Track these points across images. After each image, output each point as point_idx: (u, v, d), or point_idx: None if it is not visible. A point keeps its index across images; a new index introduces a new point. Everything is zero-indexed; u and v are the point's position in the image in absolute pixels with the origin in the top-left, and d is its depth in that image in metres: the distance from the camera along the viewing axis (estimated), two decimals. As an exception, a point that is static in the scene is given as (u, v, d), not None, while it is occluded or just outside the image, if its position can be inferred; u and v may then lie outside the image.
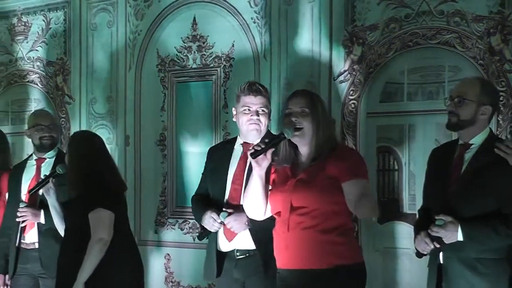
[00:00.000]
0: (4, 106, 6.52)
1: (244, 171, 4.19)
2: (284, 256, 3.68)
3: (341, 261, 3.60)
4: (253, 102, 4.20)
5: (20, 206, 4.88)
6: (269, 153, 3.69)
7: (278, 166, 3.77)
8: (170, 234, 5.51)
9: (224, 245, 4.19)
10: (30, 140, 5.18)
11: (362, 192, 3.58)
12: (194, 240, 5.39)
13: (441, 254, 3.67)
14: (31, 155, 5.16)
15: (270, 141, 3.70)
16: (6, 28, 6.50)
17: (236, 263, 4.14)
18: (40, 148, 5.04)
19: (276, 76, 5.06)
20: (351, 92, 4.77)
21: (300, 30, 4.98)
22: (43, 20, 6.27)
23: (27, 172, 5.05)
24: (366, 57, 4.72)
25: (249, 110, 4.20)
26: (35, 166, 5.05)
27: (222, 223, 4.14)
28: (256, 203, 3.83)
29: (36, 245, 4.90)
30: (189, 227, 5.45)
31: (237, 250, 4.15)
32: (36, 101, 6.31)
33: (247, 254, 4.12)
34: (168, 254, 5.49)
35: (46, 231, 4.78)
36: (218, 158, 4.36)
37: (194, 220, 5.32)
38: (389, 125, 4.65)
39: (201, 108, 5.40)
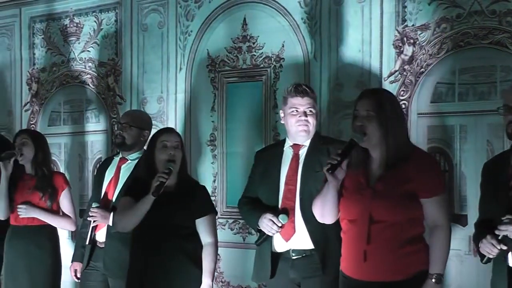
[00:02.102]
0: (56, 106, 6.65)
1: (297, 172, 4.28)
2: (362, 267, 3.62)
3: (422, 267, 3.60)
4: (301, 103, 4.28)
5: (92, 206, 4.99)
6: (344, 164, 3.64)
7: (352, 170, 3.70)
8: (220, 234, 5.52)
9: (280, 246, 4.25)
10: (82, 140, 5.32)
11: (442, 213, 3.61)
12: (244, 240, 5.47)
13: (510, 256, 3.57)
14: (119, 152, 5.19)
15: (343, 152, 3.62)
16: (58, 29, 6.63)
17: (292, 264, 4.20)
18: (115, 146, 5.16)
19: (326, 76, 5.11)
20: (402, 93, 4.80)
21: (350, 30, 5.02)
22: (95, 21, 6.40)
23: (110, 170, 5.10)
24: (417, 57, 4.75)
25: (297, 111, 4.28)
26: (116, 166, 5.09)
27: (282, 226, 4.22)
28: (329, 209, 3.79)
29: (103, 245, 5.01)
30: (239, 227, 5.53)
31: (293, 251, 4.20)
32: (88, 102, 6.43)
33: (304, 255, 4.18)
34: (219, 254, 5.56)
35: (114, 233, 4.82)
36: (267, 161, 4.43)
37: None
38: (440, 126, 4.67)
39: (251, 109, 5.47)
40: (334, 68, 5.08)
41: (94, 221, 4.95)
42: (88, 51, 6.45)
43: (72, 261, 5.28)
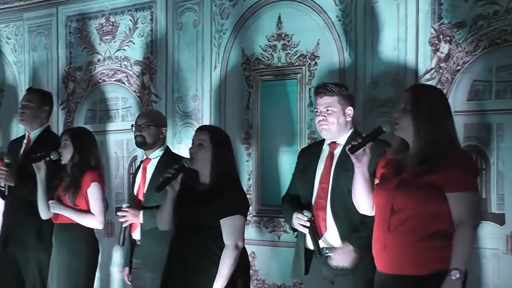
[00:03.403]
0: (92, 105, 6.73)
1: (330, 170, 4.31)
2: (383, 257, 3.66)
3: (442, 266, 3.56)
4: (319, 103, 4.37)
5: (123, 206, 5.09)
6: (367, 147, 3.72)
7: (391, 156, 3.76)
8: (255, 232, 5.60)
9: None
10: (118, 138, 5.38)
11: (467, 210, 3.56)
12: (279, 238, 5.49)
13: None
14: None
15: (367, 135, 3.75)
16: (94, 28, 6.70)
17: (325, 261, 4.22)
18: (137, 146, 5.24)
19: (362, 74, 5.11)
20: (438, 91, 4.79)
21: (386, 28, 5.01)
22: (130, 20, 6.45)
23: (139, 171, 5.22)
24: (453, 55, 4.73)
25: (318, 111, 4.37)
26: (142, 167, 5.20)
27: (310, 220, 4.23)
28: (362, 199, 3.86)
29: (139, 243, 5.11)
30: (274, 225, 5.54)
31: (326, 248, 4.24)
32: (123, 100, 6.49)
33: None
34: (253, 252, 5.59)
35: (147, 231, 4.96)
36: (307, 158, 4.51)
37: (279, 219, 5.44)
38: (477, 124, 4.64)
39: (286, 107, 5.48)
40: (369, 66, 5.08)
41: (125, 222, 5.06)
42: (123, 49, 6.51)
43: (123, 266, 5.43)
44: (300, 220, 4.27)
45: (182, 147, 5.93)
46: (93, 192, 5.34)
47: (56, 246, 5.40)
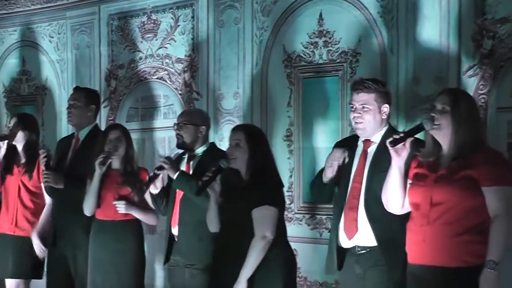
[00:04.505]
0: (134, 103, 6.81)
1: (364, 170, 4.28)
2: (420, 249, 3.80)
3: (478, 260, 3.72)
4: (355, 99, 4.29)
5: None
6: (408, 142, 3.83)
7: (423, 159, 3.89)
8: (297, 229, 5.63)
9: (344, 242, 4.29)
10: (160, 136, 5.43)
11: (503, 204, 3.71)
12: (320, 235, 5.52)
13: None
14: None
15: (409, 130, 3.85)
16: (136, 26, 6.78)
17: (357, 258, 4.23)
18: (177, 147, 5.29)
19: (403, 70, 5.12)
20: (481, 87, 4.79)
21: (428, 24, 5.02)
22: (172, 18, 6.53)
23: (182, 167, 5.22)
24: (497, 51, 4.72)
25: (353, 107, 4.30)
26: (185, 163, 5.22)
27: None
28: (394, 194, 3.95)
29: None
30: (316, 222, 5.58)
31: (358, 247, 4.24)
32: (165, 98, 6.56)
33: (368, 250, 4.21)
34: (295, 250, 5.55)
35: (185, 227, 5.01)
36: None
37: (321, 216, 5.48)
38: (521, 120, 4.66)
39: (327, 104, 5.51)
40: (411, 62, 5.09)
41: (160, 170, 5.06)
42: (165, 47, 6.58)
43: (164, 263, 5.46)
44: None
45: (224, 144, 5.98)
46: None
47: (102, 243, 5.44)
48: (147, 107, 6.71)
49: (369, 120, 4.26)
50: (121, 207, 5.37)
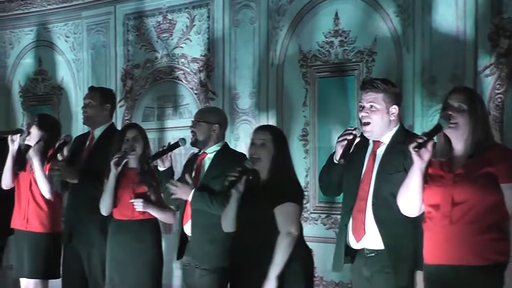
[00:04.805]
0: (150, 102, 6.85)
1: (372, 171, 4.23)
2: (442, 249, 3.77)
3: (501, 257, 3.76)
4: (364, 98, 4.24)
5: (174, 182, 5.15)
6: (430, 145, 3.80)
7: (434, 159, 3.87)
8: (312, 229, 5.65)
9: (354, 244, 4.27)
10: (176, 135, 5.44)
11: None
12: (336, 235, 5.53)
13: None
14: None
15: (430, 132, 3.80)
16: (152, 26, 6.82)
17: (366, 261, 4.21)
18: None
19: (419, 69, 5.13)
20: (497, 86, 4.79)
21: (444, 23, 5.02)
22: (187, 18, 6.56)
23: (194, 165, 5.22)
24: (514, 50, 4.74)
25: (361, 106, 4.26)
26: (197, 161, 5.21)
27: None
28: (414, 198, 3.91)
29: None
30: (332, 222, 5.59)
31: (366, 249, 4.22)
32: (180, 97, 6.59)
33: (376, 253, 4.18)
34: (311, 249, 5.64)
35: (196, 226, 5.01)
36: (354, 151, 4.37)
37: (337, 215, 5.48)
38: (537, 120, 4.66)
39: (343, 104, 5.53)
40: (428, 61, 5.10)
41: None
42: (180, 47, 6.62)
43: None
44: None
45: (239, 144, 6.02)
46: None
47: (120, 243, 5.45)
48: (163, 107, 6.75)
49: (376, 121, 4.20)
50: (138, 205, 5.39)
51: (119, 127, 6.63)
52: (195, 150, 5.37)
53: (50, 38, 7.64)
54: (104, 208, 5.50)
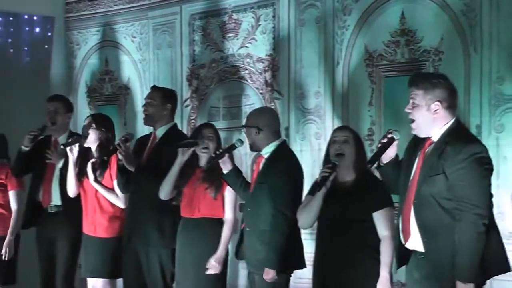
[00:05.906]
0: (215, 102, 6.96)
1: (419, 170, 4.14)
2: None
3: None
4: (410, 94, 4.17)
5: None
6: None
7: None
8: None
9: (407, 244, 4.24)
10: (242, 135, 5.54)
11: None
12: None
13: None
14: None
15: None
16: (217, 26, 6.92)
17: (417, 263, 4.18)
18: None
19: (487, 69, 5.15)
20: None
21: (512, 22, 5.04)
22: (253, 17, 6.65)
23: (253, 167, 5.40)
24: None
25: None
26: (255, 163, 5.39)
27: None
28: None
29: None
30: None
31: (416, 251, 4.18)
32: (246, 97, 6.70)
33: (422, 256, 4.13)
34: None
35: (249, 231, 5.15)
36: (411, 151, 4.31)
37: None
38: None
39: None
40: (495, 60, 5.11)
41: None
42: (246, 47, 6.72)
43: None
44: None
45: (305, 143, 6.11)
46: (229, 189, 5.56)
47: (186, 241, 5.56)
48: (228, 107, 6.86)
49: (418, 117, 4.12)
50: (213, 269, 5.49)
51: (184, 127, 6.81)
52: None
53: (116, 38, 7.79)
54: (163, 193, 5.61)
